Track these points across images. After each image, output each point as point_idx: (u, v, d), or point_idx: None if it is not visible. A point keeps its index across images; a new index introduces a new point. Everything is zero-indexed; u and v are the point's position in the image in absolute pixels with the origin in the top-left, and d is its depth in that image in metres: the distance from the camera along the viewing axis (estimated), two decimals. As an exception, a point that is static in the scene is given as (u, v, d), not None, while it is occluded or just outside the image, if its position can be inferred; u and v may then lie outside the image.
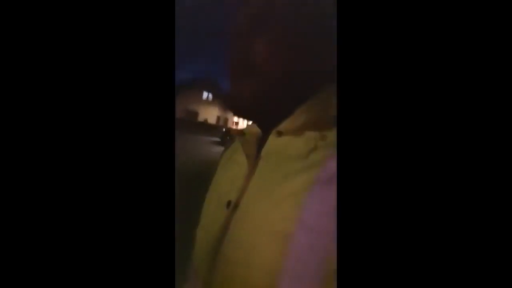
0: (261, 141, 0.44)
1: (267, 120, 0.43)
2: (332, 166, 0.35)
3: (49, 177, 0.28)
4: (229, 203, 0.42)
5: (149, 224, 0.30)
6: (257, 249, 0.36)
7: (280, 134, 0.41)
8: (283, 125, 0.41)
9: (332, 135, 0.38)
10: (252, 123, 0.47)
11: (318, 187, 0.35)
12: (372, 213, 0.28)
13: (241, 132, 0.47)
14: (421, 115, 0.28)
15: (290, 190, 0.37)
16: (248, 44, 0.41)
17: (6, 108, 0.28)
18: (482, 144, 0.27)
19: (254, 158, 0.43)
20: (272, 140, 0.42)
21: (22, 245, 0.28)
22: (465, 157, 0.27)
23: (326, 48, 0.41)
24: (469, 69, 0.27)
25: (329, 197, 0.33)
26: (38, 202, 0.28)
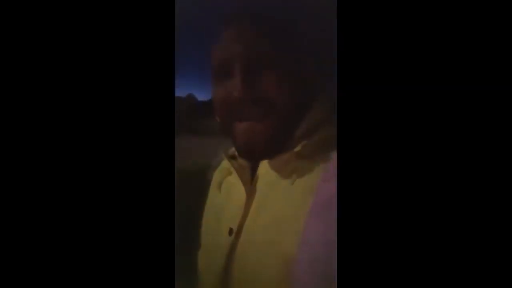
0: (254, 165, 0.43)
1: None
2: (327, 189, 0.35)
3: (50, 179, 0.28)
4: (230, 230, 0.42)
5: (149, 226, 0.30)
6: (263, 273, 0.37)
7: (272, 157, 0.41)
8: (278, 152, 0.40)
9: (321, 159, 0.38)
10: None
11: (317, 210, 0.36)
12: (372, 234, 0.28)
13: (234, 156, 0.46)
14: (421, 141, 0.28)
15: (289, 214, 0.37)
16: (253, 82, 0.38)
17: (6, 110, 0.28)
18: (483, 153, 0.27)
19: (250, 182, 0.43)
20: (265, 164, 0.42)
21: (22, 246, 0.27)
22: (467, 169, 0.27)
23: (325, 62, 0.41)
24: (472, 72, 0.27)
25: (329, 219, 0.33)
26: (40, 205, 0.28)
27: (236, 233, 0.41)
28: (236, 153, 0.45)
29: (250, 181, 0.43)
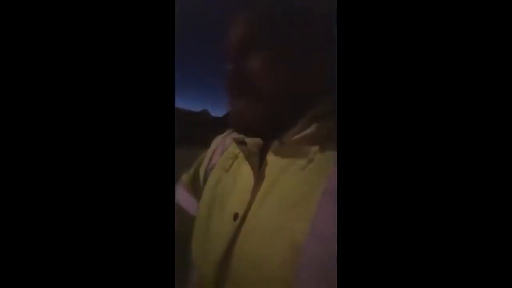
0: (263, 151, 0.44)
1: (267, 131, 0.43)
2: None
3: (51, 183, 0.28)
4: (236, 215, 0.41)
5: (150, 229, 0.30)
6: (268, 261, 0.36)
7: (281, 144, 0.41)
8: (285, 137, 0.41)
9: (332, 148, 0.39)
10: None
11: (326, 198, 0.36)
12: (372, 223, 0.28)
13: (243, 142, 0.46)
14: (422, 128, 0.28)
15: (298, 201, 0.37)
16: (246, 63, 0.42)
17: (6, 110, 0.28)
18: (484, 152, 0.27)
19: (257, 169, 0.43)
20: (274, 151, 0.42)
21: (22, 247, 0.27)
22: (467, 166, 0.27)
23: (325, 61, 0.41)
24: (472, 72, 0.27)
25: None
26: (43, 207, 0.28)
27: (240, 219, 0.41)
28: (245, 139, 0.46)
29: (259, 166, 0.43)
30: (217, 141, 0.59)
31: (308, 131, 0.40)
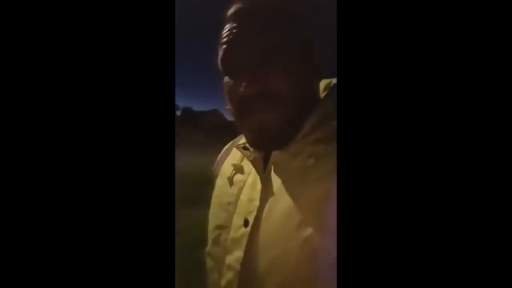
0: (266, 155, 0.44)
1: (286, 139, 0.42)
2: None
3: (51, 181, 0.28)
4: (246, 222, 0.42)
5: (150, 226, 0.30)
6: (285, 260, 0.37)
7: (283, 147, 0.41)
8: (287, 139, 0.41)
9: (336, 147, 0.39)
10: None
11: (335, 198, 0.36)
12: (373, 223, 0.28)
13: (245, 147, 0.46)
14: (423, 126, 0.28)
15: (309, 203, 0.38)
16: (268, 75, 0.39)
17: (6, 110, 0.28)
18: (485, 153, 0.27)
19: (264, 171, 0.44)
20: (278, 154, 0.42)
21: (22, 247, 0.28)
22: (466, 165, 0.27)
23: (327, 65, 0.42)
24: (472, 72, 0.27)
25: None
26: (43, 207, 0.28)
27: (252, 225, 0.41)
28: (247, 145, 0.46)
29: (264, 169, 0.44)
30: (222, 152, 0.59)
31: (312, 131, 0.40)
